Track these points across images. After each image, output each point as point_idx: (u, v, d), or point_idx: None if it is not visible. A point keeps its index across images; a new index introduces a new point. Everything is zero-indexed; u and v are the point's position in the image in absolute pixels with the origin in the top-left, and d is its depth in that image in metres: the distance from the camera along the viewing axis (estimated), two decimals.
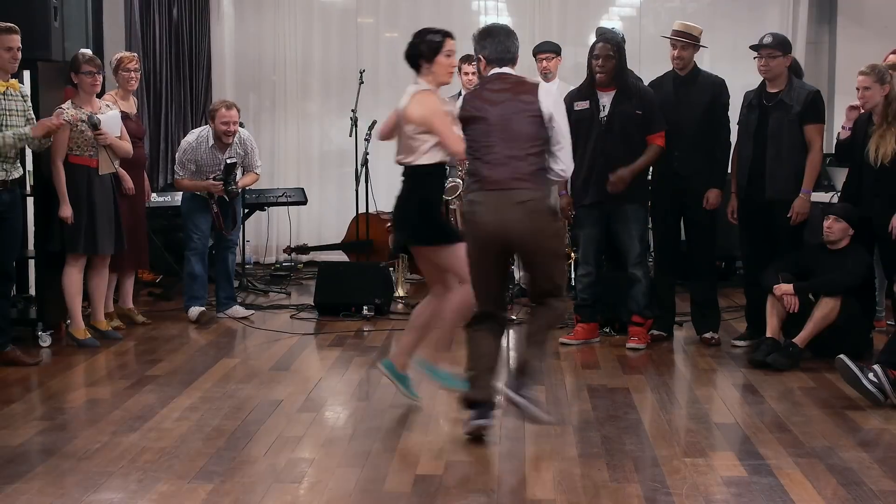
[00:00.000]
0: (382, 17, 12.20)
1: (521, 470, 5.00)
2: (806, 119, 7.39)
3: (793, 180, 7.39)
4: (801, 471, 4.95)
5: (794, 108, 7.38)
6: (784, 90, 7.43)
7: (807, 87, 7.55)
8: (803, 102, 7.38)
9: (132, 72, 8.27)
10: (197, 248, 8.65)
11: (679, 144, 7.55)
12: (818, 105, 7.49)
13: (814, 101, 7.44)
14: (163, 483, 4.79)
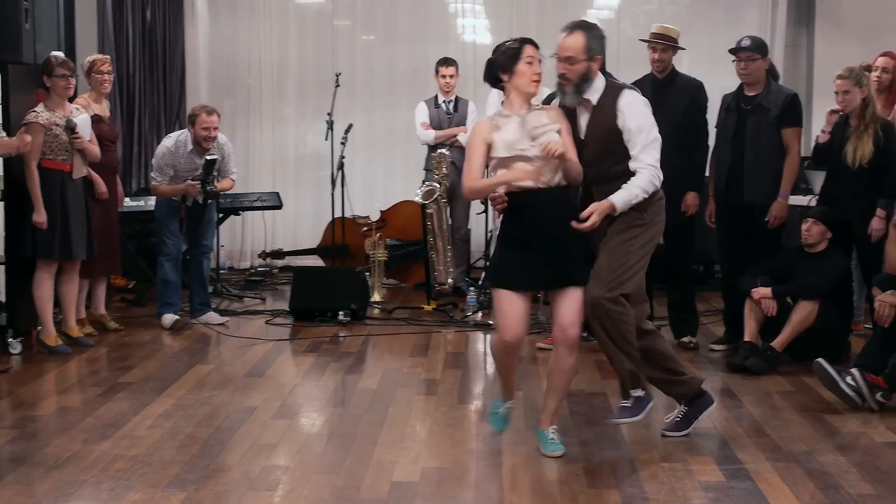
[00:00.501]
0: (359, 19, 12.18)
1: (498, 476, 5.00)
2: (784, 122, 7.42)
3: (771, 184, 7.42)
4: (779, 475, 4.97)
5: (772, 111, 7.41)
6: (762, 93, 7.46)
7: (784, 91, 7.58)
8: (781, 106, 7.41)
9: (105, 74, 8.23)
10: (171, 254, 8.61)
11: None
12: (796, 108, 7.53)
13: (792, 104, 7.47)
14: (135, 491, 4.77)
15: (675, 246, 7.84)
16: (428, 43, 11.80)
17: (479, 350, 8.02)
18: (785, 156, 7.45)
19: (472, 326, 8.68)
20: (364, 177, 11.80)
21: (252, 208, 10.95)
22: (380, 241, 9.96)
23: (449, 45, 11.55)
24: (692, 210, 7.67)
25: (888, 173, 7.25)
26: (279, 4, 12.02)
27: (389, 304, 9.55)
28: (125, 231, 9.21)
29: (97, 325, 8.38)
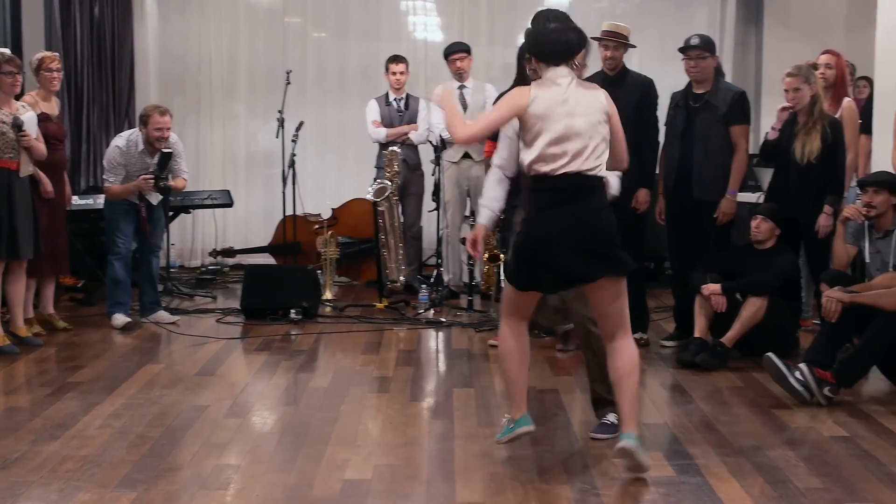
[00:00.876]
0: (310, 16, 12.15)
1: (450, 472, 5.00)
2: (732, 120, 7.48)
3: (720, 181, 7.48)
4: (729, 470, 5.00)
5: (720, 109, 7.47)
6: (710, 91, 7.52)
7: (733, 89, 7.65)
8: (729, 103, 7.47)
9: (54, 72, 8.15)
10: (120, 253, 8.54)
11: None
12: (744, 106, 7.59)
13: (739, 101, 7.54)
14: (85, 492, 4.73)
15: (627, 243, 7.83)
16: (379, 40, 11.79)
17: (430, 347, 8.03)
18: (733, 153, 7.51)
19: (424, 324, 8.68)
20: (315, 174, 11.77)
21: (203, 206, 10.90)
22: (331, 239, 9.95)
23: (400, 43, 11.56)
24: (643, 207, 7.71)
25: (835, 170, 7.34)
26: (229, 1, 11.96)
27: (341, 302, 9.54)
28: (73, 229, 9.13)
29: (46, 325, 8.30)
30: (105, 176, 8.55)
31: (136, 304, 8.86)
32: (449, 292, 9.61)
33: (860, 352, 6.19)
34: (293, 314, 8.70)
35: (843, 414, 5.97)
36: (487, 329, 8.15)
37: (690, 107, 7.58)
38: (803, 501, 4.59)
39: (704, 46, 7.50)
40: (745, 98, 7.65)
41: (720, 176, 7.48)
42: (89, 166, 11.23)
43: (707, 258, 7.49)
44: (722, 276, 7.29)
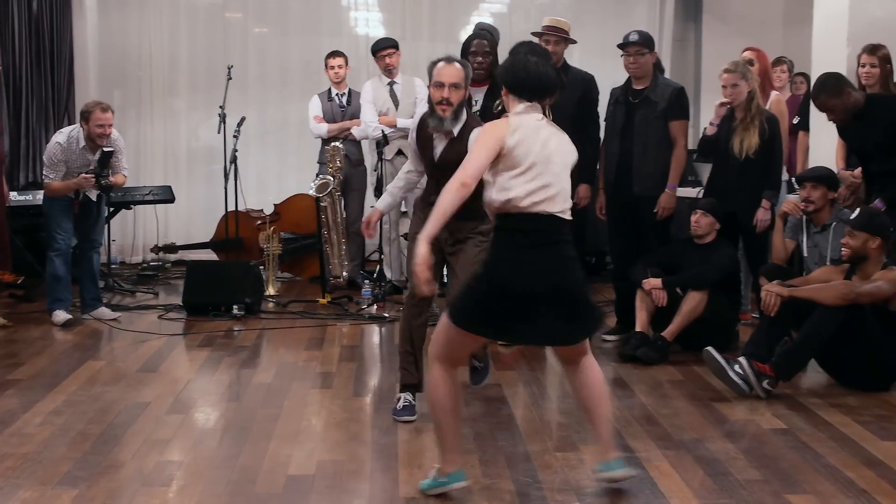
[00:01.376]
0: (251, 12, 12.11)
1: (394, 468, 5.00)
2: (671, 115, 7.54)
3: (659, 176, 7.53)
4: (670, 462, 5.05)
5: (659, 104, 7.53)
6: (650, 87, 7.58)
7: (671, 84, 7.71)
8: (668, 99, 7.53)
9: None
10: (60, 249, 8.45)
11: None
12: (683, 101, 7.65)
13: (678, 97, 7.60)
14: (25, 490, 4.68)
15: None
16: (321, 35, 11.78)
17: (373, 343, 8.02)
18: (672, 148, 7.56)
19: (366, 319, 8.67)
20: (257, 170, 11.73)
21: (144, 202, 10.83)
22: (274, 235, 9.91)
23: (342, 38, 11.55)
24: (584, 202, 7.76)
25: (772, 165, 7.42)
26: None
27: (284, 298, 9.51)
28: (13, 226, 9.03)
29: None
30: (45, 172, 8.45)
31: (76, 301, 8.78)
32: (392, 287, 9.60)
33: (798, 345, 6.26)
34: (236, 310, 8.66)
35: (781, 406, 6.04)
36: (431, 324, 8.13)
37: (630, 102, 7.63)
38: (743, 493, 4.64)
39: (644, 42, 7.55)
40: (684, 93, 7.71)
41: (660, 171, 7.54)
42: (28, 162, 11.09)
43: (648, 253, 7.54)
44: (662, 270, 7.34)
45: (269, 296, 9.51)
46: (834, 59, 8.40)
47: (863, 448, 5.28)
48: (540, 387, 6.59)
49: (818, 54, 8.68)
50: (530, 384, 6.62)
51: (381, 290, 9.21)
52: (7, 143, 9.85)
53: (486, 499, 4.58)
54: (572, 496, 4.61)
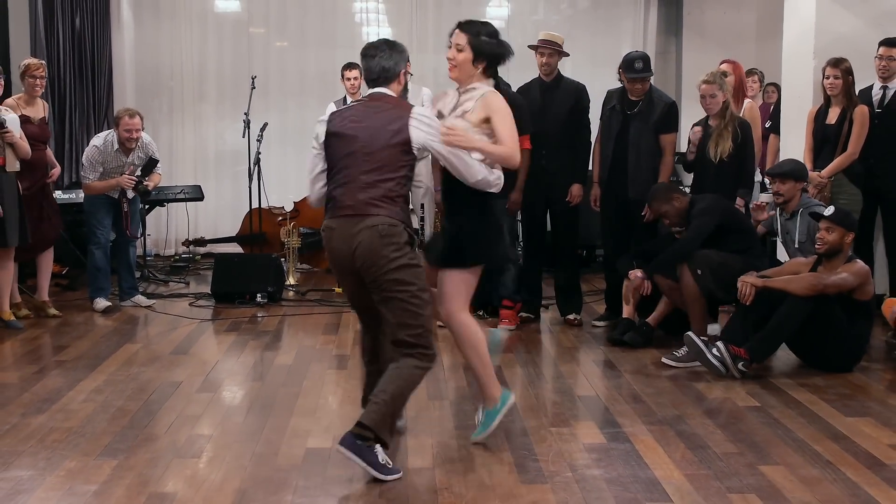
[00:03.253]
0: (273, 27, 12.10)
1: (403, 441, 4.99)
2: (662, 129, 7.50)
3: (650, 181, 7.49)
4: (654, 437, 5.04)
5: (652, 118, 7.48)
6: (644, 100, 7.53)
7: (664, 99, 7.62)
8: (659, 113, 7.49)
9: (38, 78, 8.03)
10: (100, 242, 8.46)
11: (546, 144, 7.59)
12: (673, 116, 7.61)
13: (669, 112, 7.55)
14: (70, 460, 4.69)
15: (562, 233, 7.91)
16: (335, 48, 11.75)
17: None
18: (661, 155, 7.54)
19: None
20: (278, 171, 11.70)
21: (176, 200, 10.84)
22: (294, 230, 9.90)
23: (355, 50, 11.22)
24: (577, 200, 7.74)
25: (745, 166, 7.40)
26: (199, 13, 11.90)
27: (303, 287, 9.50)
28: None
29: (38, 311, 8.18)
30: (83, 173, 8.45)
31: (115, 290, 8.78)
32: None
33: (771, 331, 6.24)
34: (259, 298, 8.66)
35: (755, 386, 6.03)
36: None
37: (626, 113, 7.58)
38: (720, 465, 4.63)
39: (648, 68, 7.51)
40: (675, 108, 7.67)
41: (652, 178, 7.49)
42: (72, 164, 11.10)
43: (635, 246, 7.52)
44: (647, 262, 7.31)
45: (290, 285, 9.50)
46: (801, 70, 8.41)
47: (828, 424, 5.28)
48: (536, 368, 6.58)
49: (787, 66, 8.68)
50: (527, 365, 6.61)
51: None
52: (53, 148, 9.82)
53: (487, 469, 4.57)
54: (565, 467, 4.60)
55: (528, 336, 7.54)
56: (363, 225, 4.56)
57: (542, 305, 8.22)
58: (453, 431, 5.15)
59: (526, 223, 8.07)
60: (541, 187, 7.70)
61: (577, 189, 7.73)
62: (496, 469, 4.59)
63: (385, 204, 4.59)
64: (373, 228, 4.53)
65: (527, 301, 7.95)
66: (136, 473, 4.53)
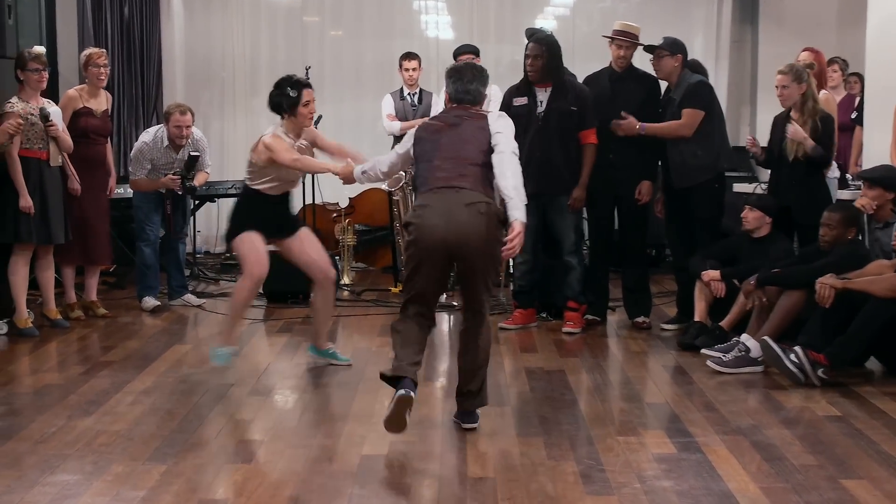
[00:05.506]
0: (327, 15, 12.15)
1: (462, 449, 4.99)
2: (682, 105, 7.46)
3: (691, 170, 7.44)
4: (728, 447, 4.99)
5: (677, 100, 7.49)
6: (674, 87, 7.58)
7: (689, 79, 7.58)
8: (683, 92, 7.47)
9: (101, 68, 8.09)
10: (149, 239, 8.55)
11: (614, 138, 7.57)
12: (697, 91, 7.51)
13: (693, 88, 7.50)
14: (118, 464, 4.73)
15: (630, 231, 7.87)
16: (393, 38, 11.78)
17: (443, 330, 8.01)
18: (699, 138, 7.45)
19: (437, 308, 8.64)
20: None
21: (227, 196, 10.85)
22: (349, 227, 9.94)
23: (413, 40, 11.53)
24: (646, 198, 7.71)
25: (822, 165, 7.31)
26: (251, 1, 11.97)
27: (358, 287, 9.54)
28: None
29: (87, 311, 8.27)
30: (132, 169, 8.53)
31: (164, 288, 8.87)
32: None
33: (852, 335, 6.15)
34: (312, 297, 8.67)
35: (836, 395, 5.95)
36: (498, 312, 8.13)
37: (665, 101, 7.64)
38: (798, 478, 4.57)
39: (666, 46, 7.54)
40: (701, 85, 7.57)
41: (692, 165, 7.44)
42: (120, 158, 11.18)
43: (707, 245, 7.45)
44: (721, 262, 7.25)
45: (345, 284, 9.53)
46: (886, 59, 8.26)
47: None
48: (602, 374, 6.55)
49: (872, 54, 8.53)
50: (593, 371, 6.58)
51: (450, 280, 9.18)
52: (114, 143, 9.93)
53: (550, 479, 4.55)
54: (633, 478, 4.57)
55: (593, 340, 7.51)
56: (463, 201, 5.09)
57: (608, 307, 8.18)
58: (515, 439, 5.13)
59: (592, 221, 8.04)
60: (608, 183, 7.66)
61: (647, 187, 7.68)
62: (560, 479, 4.56)
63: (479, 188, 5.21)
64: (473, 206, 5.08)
65: (593, 303, 7.91)
66: (185, 479, 4.56)
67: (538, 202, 7.59)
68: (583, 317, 7.78)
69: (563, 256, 7.71)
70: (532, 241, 7.73)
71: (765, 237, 7.28)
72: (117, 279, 9.71)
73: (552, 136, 7.50)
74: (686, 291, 7.58)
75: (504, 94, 7.94)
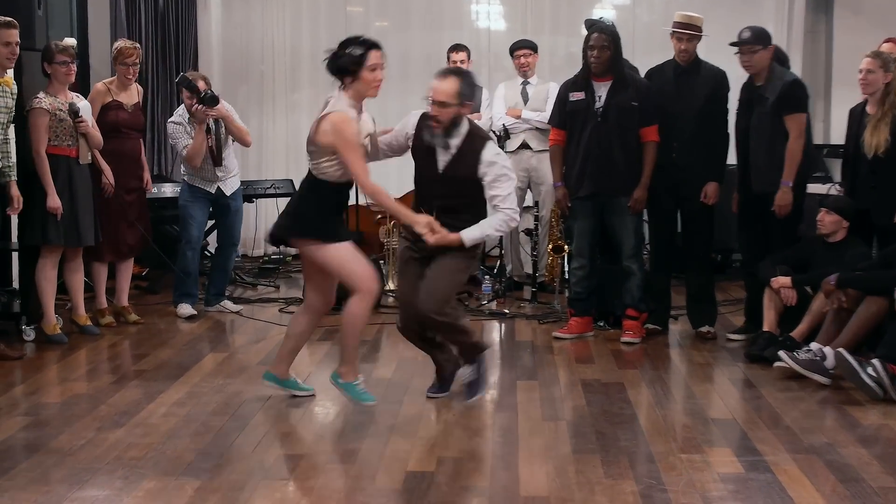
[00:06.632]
0: (372, 6, 12.16)
1: (514, 466, 4.98)
2: (782, 109, 7.34)
3: (776, 172, 7.34)
4: (799, 467, 4.93)
5: (770, 100, 7.34)
6: (764, 83, 7.41)
7: (785, 77, 7.46)
8: (779, 93, 7.34)
9: (130, 66, 8.09)
10: (192, 241, 8.60)
11: (678, 135, 7.52)
12: (795, 93, 7.40)
13: (790, 90, 7.37)
14: (149, 480, 4.76)
15: (695, 235, 7.80)
16: (442, 29, 11.77)
17: (493, 339, 7.99)
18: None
19: (486, 315, 8.65)
20: (377, 164, 11.70)
21: (266, 196, 10.93)
22: (394, 229, 9.94)
23: (463, 32, 11.52)
24: (713, 200, 7.63)
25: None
26: None
27: None
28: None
29: (118, 317, 8.34)
30: (178, 145, 8.52)
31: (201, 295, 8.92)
32: (512, 283, 9.56)
33: None
34: None
35: None
36: (552, 321, 8.11)
37: (750, 99, 7.48)
38: (877, 500, 4.52)
39: (755, 39, 7.38)
40: (798, 85, 7.47)
41: (776, 168, 7.35)
42: (154, 155, 11.28)
43: (777, 250, 7.38)
44: (792, 268, 7.18)
45: (390, 290, 9.54)
46: None
47: None
48: (664, 387, 6.51)
49: None
50: (654, 384, 6.54)
51: (501, 286, 9.19)
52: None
53: (608, 499, 4.52)
54: (697, 498, 4.53)
55: (654, 350, 7.46)
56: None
57: (670, 316, 8.13)
58: (570, 456, 5.11)
59: (653, 224, 7.99)
60: (671, 184, 7.62)
61: (713, 188, 7.61)
62: (619, 499, 4.53)
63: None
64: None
65: (653, 311, 7.86)
66: (221, 496, 4.58)
67: (595, 203, 7.57)
68: (643, 326, 7.74)
69: (623, 261, 7.66)
70: (589, 245, 7.72)
71: (840, 242, 7.20)
72: (150, 283, 9.78)
73: (611, 133, 7.46)
74: (754, 297, 7.51)
75: (559, 89, 7.91)
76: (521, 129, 9.38)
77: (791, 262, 7.24)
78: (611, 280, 7.89)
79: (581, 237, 7.74)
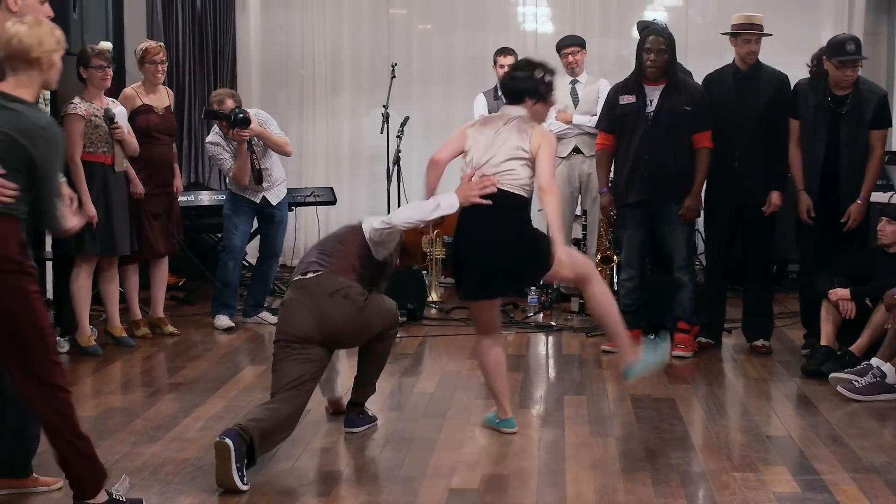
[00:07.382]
0: (415, 8, 12.18)
1: (561, 484, 4.98)
2: (875, 125, 7.28)
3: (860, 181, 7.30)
4: (859, 487, 4.91)
5: (866, 114, 7.26)
6: (852, 94, 7.29)
7: (875, 90, 7.38)
8: (874, 108, 7.27)
9: (158, 64, 8.17)
10: (233, 251, 8.65)
11: (739, 142, 7.46)
12: (886, 110, 7.38)
13: (883, 105, 7.32)
14: (185, 496, 4.80)
15: (755, 246, 7.73)
16: (487, 32, 11.78)
17: (540, 352, 8.00)
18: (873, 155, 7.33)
19: (532, 328, 8.65)
20: (421, 171, 11.55)
21: (305, 204, 10.94)
22: (438, 239, 9.95)
23: (509, 34, 11.54)
24: (775, 210, 7.56)
25: None
26: None
27: (447, 304, 9.53)
28: None
29: (153, 328, 8.40)
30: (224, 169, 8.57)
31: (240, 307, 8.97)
32: (559, 295, 9.55)
33: None
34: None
35: None
36: (600, 334, 8.10)
37: (834, 111, 7.37)
38: None
39: (860, 51, 7.30)
40: (887, 100, 7.44)
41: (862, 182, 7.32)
42: (190, 162, 11.35)
43: (836, 261, 7.32)
44: (851, 280, 7.13)
45: (432, 302, 9.56)
46: None
47: None
48: (717, 403, 6.48)
49: None
50: (706, 399, 6.52)
51: (548, 298, 9.18)
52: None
53: None
54: None
55: (707, 365, 7.43)
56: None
57: (724, 329, 8.09)
58: (619, 474, 5.11)
59: (709, 234, 7.95)
60: (732, 192, 7.56)
61: (777, 197, 7.54)
62: None
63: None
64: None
65: (706, 324, 7.83)
66: None
67: (645, 210, 7.54)
68: (695, 339, 7.71)
69: (674, 272, 7.63)
70: (639, 255, 7.70)
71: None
72: (187, 294, 9.84)
73: (663, 139, 7.44)
74: (812, 311, 7.46)
75: (609, 92, 7.90)
76: (573, 134, 9.32)
77: (850, 274, 7.19)
78: (661, 292, 7.86)
79: (630, 247, 7.72)
